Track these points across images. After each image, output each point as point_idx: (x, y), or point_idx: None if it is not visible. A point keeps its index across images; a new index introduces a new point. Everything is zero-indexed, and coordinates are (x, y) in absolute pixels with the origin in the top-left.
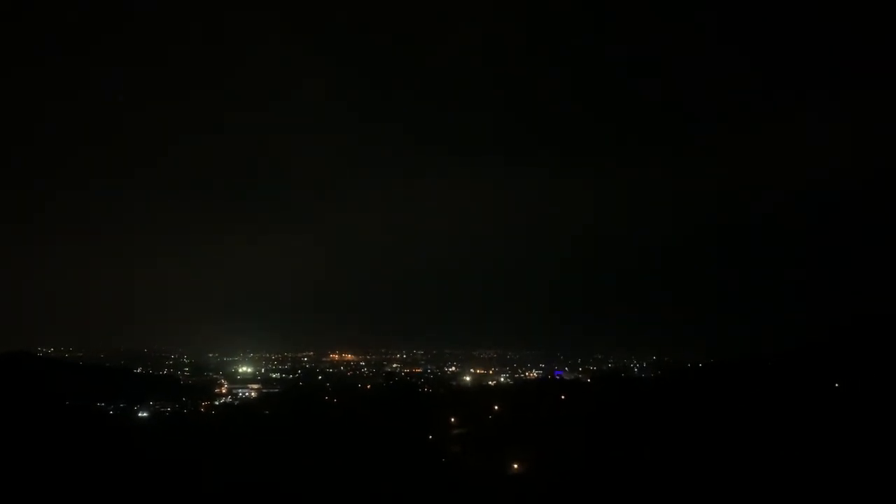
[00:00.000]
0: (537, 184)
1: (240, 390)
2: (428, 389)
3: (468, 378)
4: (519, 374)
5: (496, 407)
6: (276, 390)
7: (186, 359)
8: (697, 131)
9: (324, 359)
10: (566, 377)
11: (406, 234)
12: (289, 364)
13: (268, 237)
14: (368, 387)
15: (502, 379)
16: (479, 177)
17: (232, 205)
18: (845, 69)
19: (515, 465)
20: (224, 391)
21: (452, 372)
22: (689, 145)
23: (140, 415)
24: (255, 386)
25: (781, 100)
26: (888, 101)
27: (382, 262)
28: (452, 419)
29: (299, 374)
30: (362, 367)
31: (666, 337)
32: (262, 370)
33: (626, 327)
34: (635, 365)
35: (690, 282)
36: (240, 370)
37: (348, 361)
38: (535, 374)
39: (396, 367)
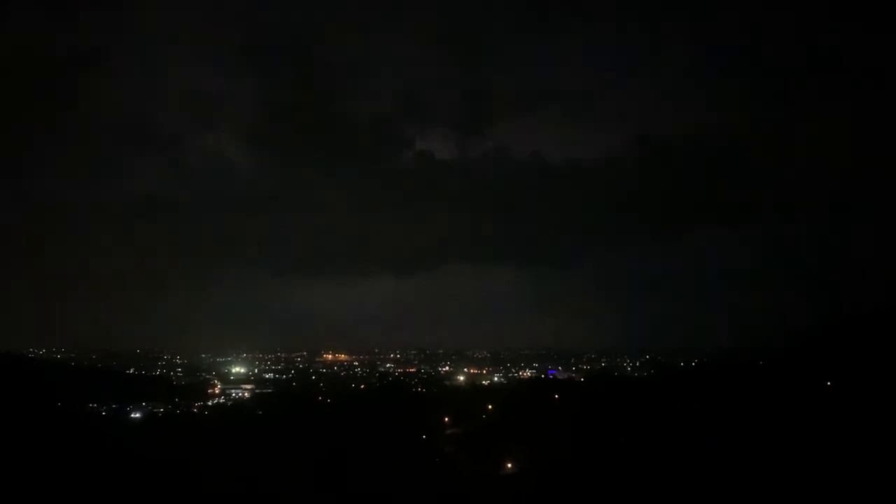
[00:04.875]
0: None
1: (233, 391)
2: (422, 389)
3: (462, 377)
4: (512, 373)
5: (490, 407)
6: (270, 390)
7: (179, 359)
8: (696, 133)
9: (317, 359)
10: (559, 376)
11: (399, 233)
12: (282, 364)
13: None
14: (362, 387)
15: (496, 378)
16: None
17: (223, 207)
18: (840, 68)
19: (509, 465)
20: (217, 392)
21: (446, 371)
22: (688, 147)
23: (132, 416)
24: (248, 386)
25: (779, 99)
26: (881, 99)
27: (376, 263)
28: (446, 419)
29: (292, 374)
30: (356, 366)
31: (659, 336)
32: (255, 370)
33: (618, 326)
34: (628, 364)
35: (684, 282)
36: (233, 370)
37: (342, 361)
38: (528, 373)
39: (390, 367)
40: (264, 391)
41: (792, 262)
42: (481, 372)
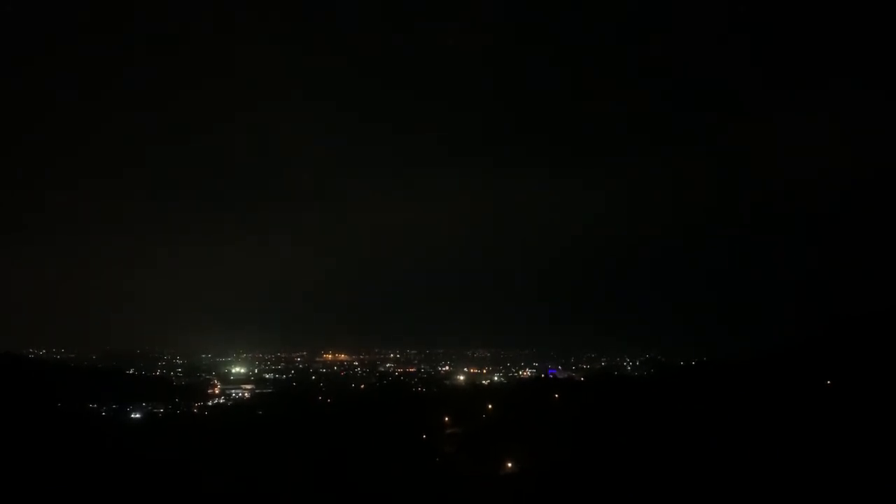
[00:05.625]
0: (532, 184)
1: (233, 391)
2: (421, 389)
3: (462, 377)
4: (512, 373)
5: (490, 406)
6: (270, 391)
7: (179, 359)
8: (694, 133)
9: (317, 359)
10: (559, 376)
11: (399, 233)
12: (282, 364)
13: (260, 237)
14: (362, 387)
15: (496, 378)
16: (474, 177)
17: (225, 206)
18: (840, 68)
19: (510, 465)
20: (217, 392)
21: (446, 371)
22: (685, 147)
23: (132, 416)
24: (249, 386)
25: (779, 99)
26: (881, 100)
27: (376, 262)
28: (446, 419)
29: (292, 374)
30: (356, 366)
31: (658, 336)
32: (255, 370)
33: (618, 326)
34: (628, 363)
35: (684, 281)
36: (233, 371)
37: (342, 361)
38: (528, 372)
39: (390, 367)
40: (264, 391)
41: (791, 263)
42: (481, 371)
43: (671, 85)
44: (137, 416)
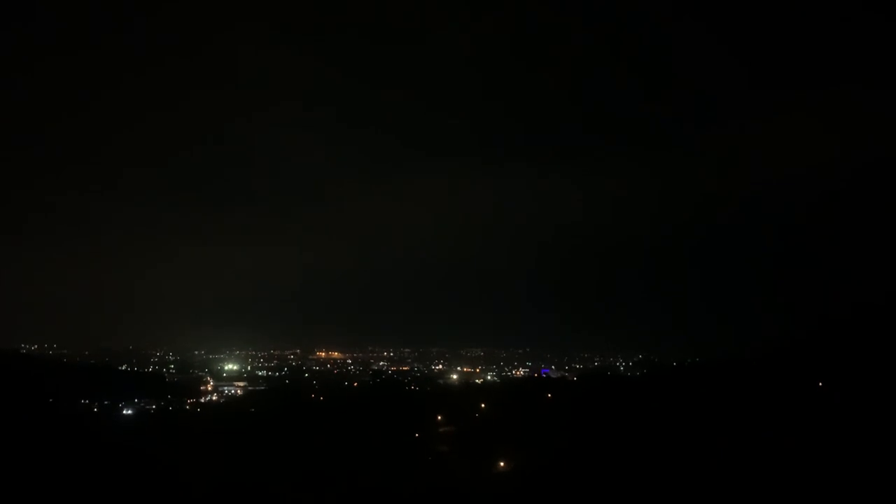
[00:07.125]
0: (524, 184)
1: (226, 388)
2: (415, 388)
3: (455, 376)
4: (506, 372)
5: (483, 405)
6: (263, 388)
7: (172, 356)
8: (683, 132)
9: (310, 357)
10: (553, 375)
11: (393, 233)
12: (275, 362)
13: (254, 237)
14: (355, 385)
15: (489, 377)
16: (466, 176)
17: (219, 205)
18: (825, 69)
19: (502, 464)
20: (210, 389)
21: (439, 370)
22: (675, 146)
23: (125, 412)
24: (241, 384)
25: (776, 99)
26: (870, 99)
27: (370, 261)
28: (439, 417)
29: (285, 371)
30: (349, 365)
31: (652, 336)
32: (249, 368)
33: (613, 326)
34: (621, 363)
35: (677, 282)
36: (226, 368)
37: (335, 359)
38: (521, 372)
39: (383, 366)
40: (257, 388)
41: (785, 263)
42: (475, 370)
43: (668, 87)
44: (129, 412)
